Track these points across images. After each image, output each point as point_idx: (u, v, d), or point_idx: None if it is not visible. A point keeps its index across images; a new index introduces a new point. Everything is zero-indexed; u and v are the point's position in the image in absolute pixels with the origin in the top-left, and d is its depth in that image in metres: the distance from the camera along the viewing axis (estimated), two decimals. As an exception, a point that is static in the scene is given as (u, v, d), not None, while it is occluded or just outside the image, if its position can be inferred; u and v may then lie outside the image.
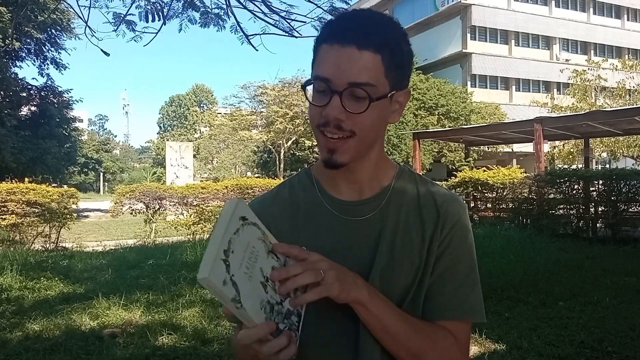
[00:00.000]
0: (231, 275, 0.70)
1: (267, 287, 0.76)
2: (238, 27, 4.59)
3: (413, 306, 0.90)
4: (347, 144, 0.85)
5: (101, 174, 53.97)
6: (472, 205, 11.53)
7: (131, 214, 11.21)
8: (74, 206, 10.22)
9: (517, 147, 24.71)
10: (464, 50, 30.47)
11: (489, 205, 11.76)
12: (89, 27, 4.38)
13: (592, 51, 33.58)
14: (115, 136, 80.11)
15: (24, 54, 21.55)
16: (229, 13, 4.61)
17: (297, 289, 0.78)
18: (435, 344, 0.87)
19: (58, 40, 22.21)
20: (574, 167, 17.55)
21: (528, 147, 20.92)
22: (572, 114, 17.24)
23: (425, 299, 0.90)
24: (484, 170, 11.42)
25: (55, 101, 22.97)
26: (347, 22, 0.86)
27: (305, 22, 4.61)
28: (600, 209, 10.17)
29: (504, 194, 11.08)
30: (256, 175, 31.29)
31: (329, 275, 0.78)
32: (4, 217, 8.89)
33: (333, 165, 0.87)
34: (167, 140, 40.58)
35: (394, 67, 0.86)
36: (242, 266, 0.73)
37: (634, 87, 21.97)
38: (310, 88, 0.89)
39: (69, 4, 6.21)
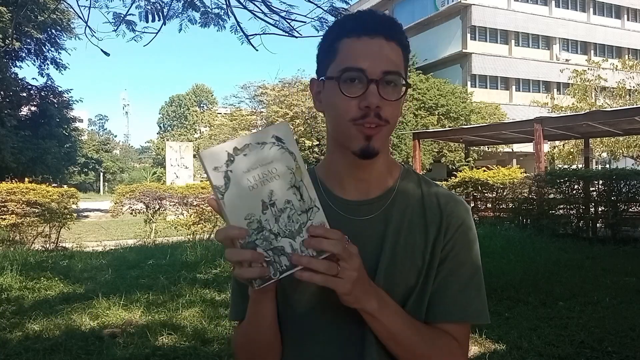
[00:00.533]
0: (228, 169, 0.72)
1: (268, 210, 0.75)
2: (238, 27, 4.60)
3: (417, 308, 0.90)
4: (381, 132, 0.87)
5: (101, 174, 53.95)
6: (472, 205, 11.53)
7: (131, 214, 11.20)
8: (74, 206, 10.21)
9: (517, 147, 24.71)
10: (464, 50, 30.48)
11: (489, 205, 11.77)
12: (89, 27, 4.39)
13: (592, 51, 33.59)
14: (115, 136, 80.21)
15: (24, 54, 21.53)
16: (229, 13, 4.61)
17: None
18: (441, 349, 0.89)
19: (58, 40, 22.20)
20: (574, 167, 17.54)
21: (528, 147, 20.92)
22: (572, 114, 17.24)
23: (429, 302, 0.91)
24: (484, 170, 11.43)
25: (55, 101, 22.95)
26: (369, 17, 0.88)
27: (305, 22, 4.62)
28: (600, 209, 10.17)
29: (504, 194, 11.08)
30: (256, 175, 31.23)
31: (347, 274, 0.76)
32: (4, 217, 8.88)
33: (370, 153, 0.87)
34: (167, 140, 40.59)
35: (407, 61, 0.91)
36: (248, 172, 0.73)
37: (634, 87, 21.96)
38: (329, 82, 0.88)
39: (69, 4, 6.22)
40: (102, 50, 4.50)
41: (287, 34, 4.69)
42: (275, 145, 0.75)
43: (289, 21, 4.67)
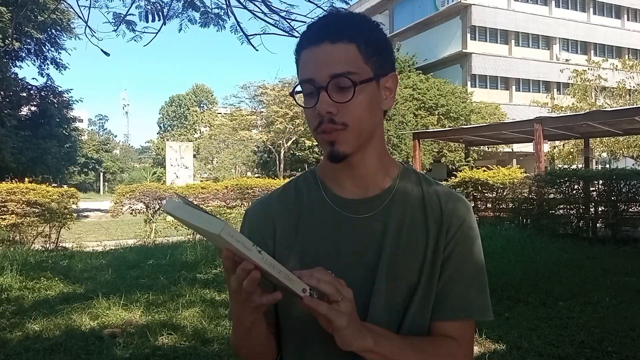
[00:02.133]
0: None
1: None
2: (238, 27, 4.60)
3: (423, 308, 0.90)
4: (343, 135, 0.87)
5: (101, 174, 53.96)
6: (472, 205, 11.47)
7: (131, 214, 11.21)
8: (74, 206, 10.21)
9: (517, 147, 24.70)
10: (464, 50, 30.46)
11: (489, 205, 11.76)
12: (89, 27, 4.38)
13: (592, 51, 33.57)
14: (115, 136, 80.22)
15: (24, 54, 21.54)
16: (229, 13, 4.61)
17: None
18: (442, 356, 0.89)
19: (58, 40, 22.21)
20: (574, 167, 17.54)
21: (528, 147, 20.91)
22: (572, 114, 17.23)
23: (435, 301, 0.91)
24: (484, 170, 11.42)
25: (55, 101, 22.95)
26: (317, 25, 0.89)
27: (305, 22, 4.61)
28: (600, 209, 10.17)
29: (504, 194, 11.07)
30: (256, 175, 31.27)
31: (343, 305, 0.77)
32: (4, 217, 8.88)
33: (336, 156, 0.88)
34: (167, 140, 40.61)
35: (372, 54, 0.88)
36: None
37: (634, 87, 21.96)
38: (300, 96, 0.91)
39: (69, 4, 6.21)
40: (102, 50, 4.50)
41: (287, 34, 4.68)
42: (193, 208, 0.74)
43: (289, 21, 4.67)
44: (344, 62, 0.85)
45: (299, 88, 0.90)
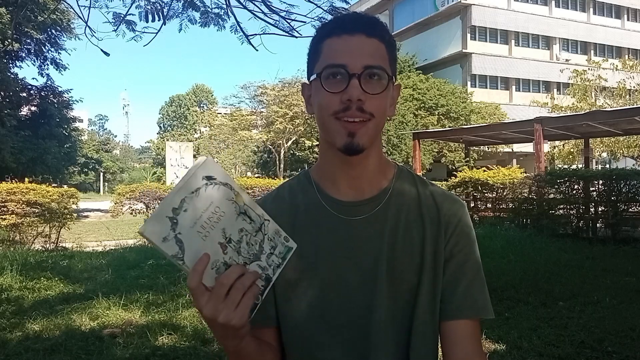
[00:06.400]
0: (177, 233, 0.70)
1: (228, 248, 0.75)
2: (238, 27, 4.60)
3: (431, 309, 0.91)
4: (365, 127, 0.86)
5: (101, 174, 53.94)
6: (472, 205, 11.52)
7: (131, 214, 11.20)
8: (74, 206, 10.20)
9: (517, 147, 24.71)
10: (464, 50, 30.47)
11: (489, 205, 11.75)
12: (89, 27, 4.39)
13: (592, 51, 33.58)
14: (115, 136, 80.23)
15: (23, 54, 21.54)
16: (229, 13, 4.62)
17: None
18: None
19: (58, 41, 22.22)
20: (574, 167, 17.53)
21: (528, 147, 20.92)
22: (572, 114, 17.23)
23: (440, 301, 0.91)
24: (484, 170, 11.41)
25: (55, 101, 22.97)
26: (349, 17, 0.90)
27: (305, 22, 4.62)
28: (600, 209, 10.16)
29: (504, 194, 11.07)
30: (256, 175, 31.25)
31: None
32: (4, 217, 8.87)
33: (354, 149, 0.87)
34: (167, 140, 40.61)
35: (392, 59, 0.90)
36: (195, 225, 0.72)
37: (634, 87, 21.95)
38: (315, 82, 0.90)
39: (69, 4, 6.22)
40: (102, 50, 4.50)
41: (287, 34, 4.69)
42: (209, 185, 0.74)
43: (289, 21, 4.68)
44: (377, 56, 0.87)
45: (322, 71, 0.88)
